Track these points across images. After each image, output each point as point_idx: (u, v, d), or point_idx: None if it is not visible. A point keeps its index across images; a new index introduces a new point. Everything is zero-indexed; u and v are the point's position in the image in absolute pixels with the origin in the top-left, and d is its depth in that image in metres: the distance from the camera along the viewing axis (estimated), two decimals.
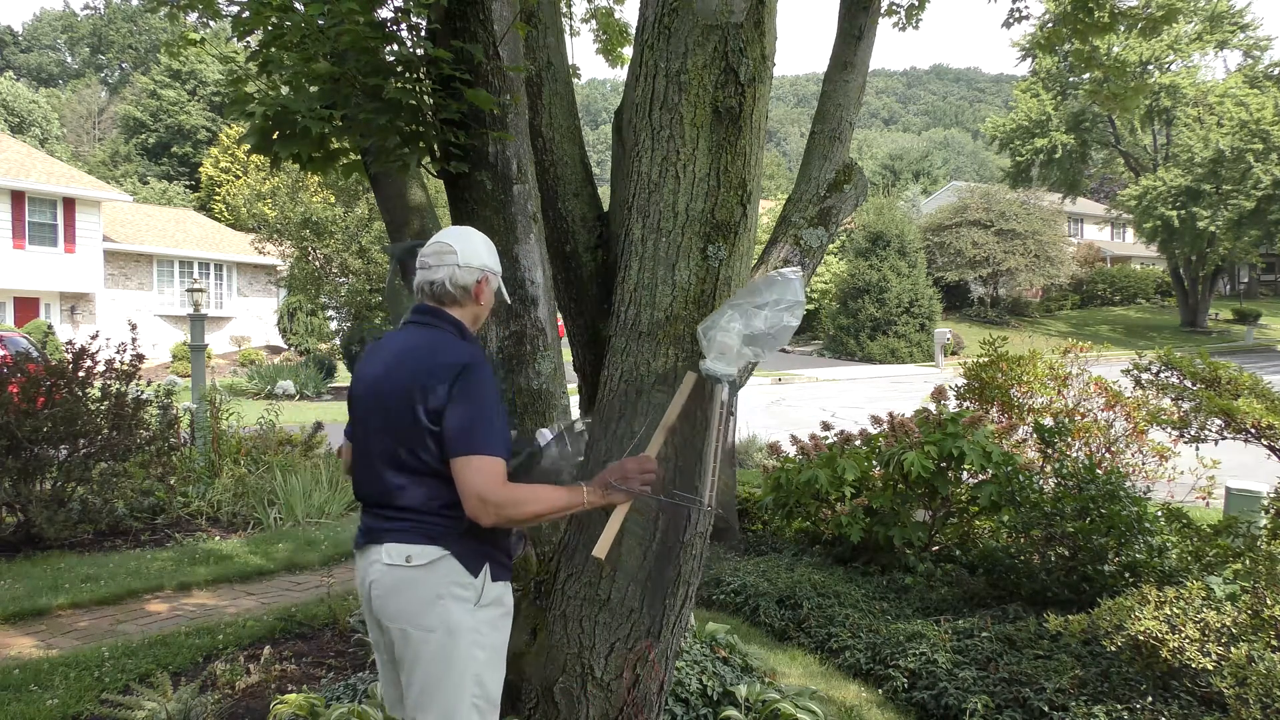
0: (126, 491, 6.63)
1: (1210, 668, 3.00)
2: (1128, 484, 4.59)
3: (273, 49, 2.44)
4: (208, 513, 6.95)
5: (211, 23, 4.07)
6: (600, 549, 2.06)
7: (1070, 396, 6.14)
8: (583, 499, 2.02)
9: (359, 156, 2.86)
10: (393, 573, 1.96)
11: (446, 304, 2.09)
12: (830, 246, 9.15)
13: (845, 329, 27.47)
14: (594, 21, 6.55)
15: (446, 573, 1.95)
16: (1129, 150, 36.00)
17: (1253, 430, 4.45)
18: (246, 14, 2.50)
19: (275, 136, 2.52)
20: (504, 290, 2.20)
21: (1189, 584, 3.37)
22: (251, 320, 28.55)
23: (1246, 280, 46.68)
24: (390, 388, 2.00)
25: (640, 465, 2.05)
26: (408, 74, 2.53)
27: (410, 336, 2.06)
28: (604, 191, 3.04)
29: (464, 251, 2.07)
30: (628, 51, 6.41)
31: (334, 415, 14.93)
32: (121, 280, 25.33)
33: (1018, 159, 36.29)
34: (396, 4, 2.54)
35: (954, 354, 26.37)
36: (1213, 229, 29.57)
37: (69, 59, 68.73)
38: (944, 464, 5.16)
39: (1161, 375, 5.06)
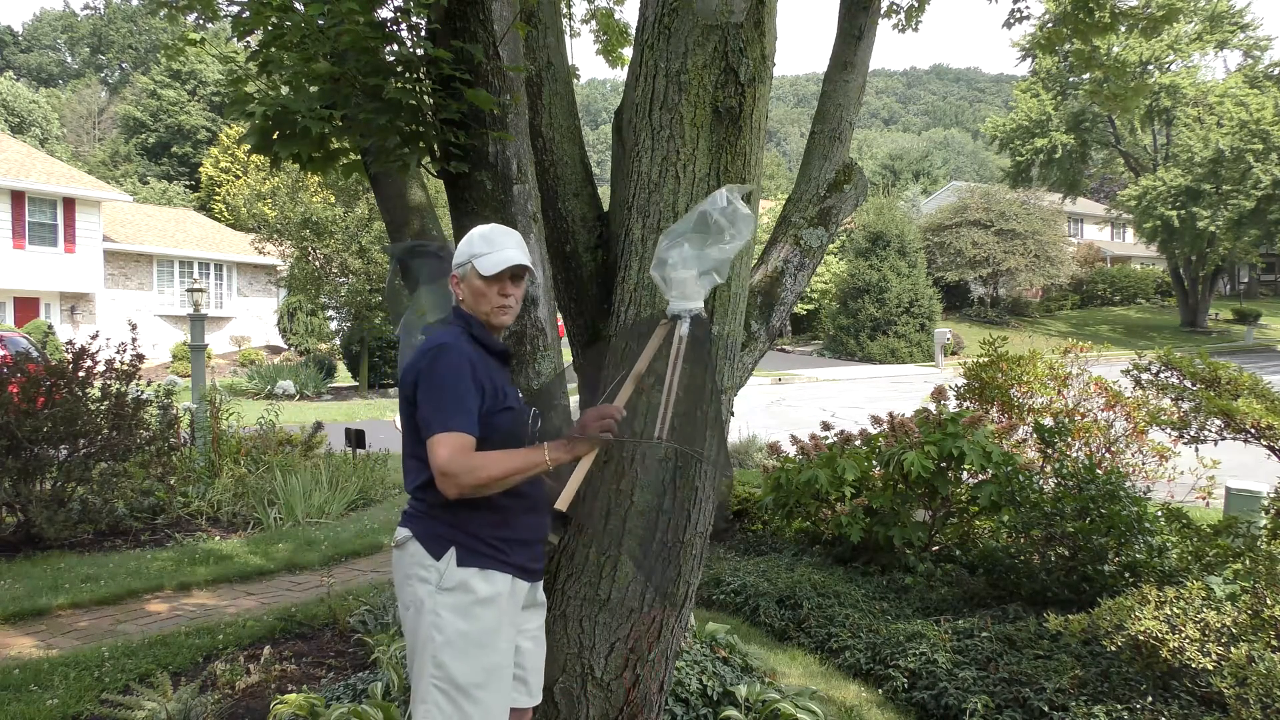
0: (126, 491, 6.63)
1: (1210, 668, 3.00)
2: (1128, 484, 4.59)
3: (273, 49, 2.43)
4: (208, 513, 6.95)
5: (211, 23, 4.06)
6: (562, 501, 2.06)
7: (1070, 396, 6.14)
8: (544, 457, 2.05)
9: (359, 156, 2.85)
10: (392, 552, 2.16)
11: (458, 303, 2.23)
12: (830, 246, 9.11)
13: (845, 329, 27.46)
14: (594, 22, 6.53)
15: (412, 554, 2.07)
16: (1129, 150, 36.00)
17: (1253, 430, 4.45)
18: (246, 14, 2.50)
19: (275, 136, 2.52)
20: (481, 262, 2.12)
21: (1189, 584, 3.37)
22: (251, 320, 28.55)
23: (1246, 280, 46.68)
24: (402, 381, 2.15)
25: (599, 414, 2.11)
26: (408, 74, 2.52)
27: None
28: (604, 191, 3.04)
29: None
30: (628, 52, 6.39)
31: (334, 415, 14.93)
32: (121, 280, 25.33)
33: (1018, 159, 36.28)
34: (396, 4, 2.54)
35: (954, 354, 26.37)
36: (1213, 229, 29.56)
37: (69, 59, 68.73)
38: (944, 464, 5.15)
39: (1161, 375, 5.06)
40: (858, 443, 5.83)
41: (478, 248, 2.14)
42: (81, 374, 6.31)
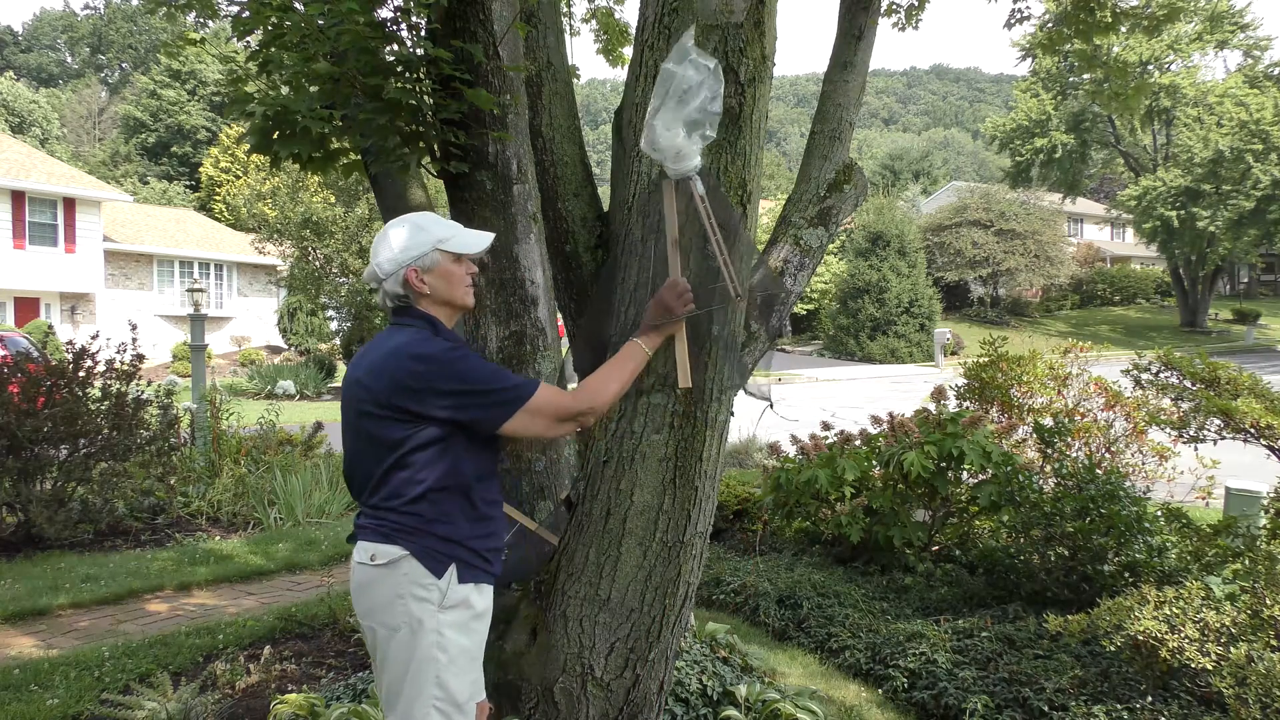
0: (126, 491, 6.63)
1: (1210, 668, 3.00)
2: (1127, 484, 4.59)
3: (273, 49, 2.43)
4: (208, 513, 6.95)
5: (210, 22, 4.06)
6: (683, 377, 2.18)
7: (1070, 396, 6.14)
8: (643, 349, 2.16)
9: (359, 156, 2.85)
10: (361, 570, 1.98)
11: (412, 303, 2.06)
12: (830, 246, 9.08)
13: (845, 329, 27.46)
14: (594, 21, 6.53)
15: (407, 573, 1.94)
16: (1129, 150, 36.01)
17: (1252, 430, 4.45)
18: (246, 14, 2.50)
19: (275, 136, 2.52)
20: (458, 244, 2.05)
21: (1188, 584, 3.37)
22: (251, 320, 28.55)
23: (1246, 280, 46.71)
24: (364, 389, 1.99)
25: (675, 291, 2.17)
26: (408, 74, 2.52)
27: (387, 337, 2.04)
28: (604, 191, 3.04)
29: (380, 264, 2.03)
30: (628, 52, 6.39)
31: (334, 415, 14.92)
32: (121, 280, 25.33)
33: (1018, 159, 36.29)
34: (396, 4, 2.54)
35: (954, 354, 26.36)
36: (1212, 229, 29.58)
37: (69, 59, 68.76)
38: (944, 464, 5.15)
39: (1161, 375, 5.06)
40: (858, 443, 5.82)
41: (439, 232, 2.04)
42: (82, 374, 6.30)
